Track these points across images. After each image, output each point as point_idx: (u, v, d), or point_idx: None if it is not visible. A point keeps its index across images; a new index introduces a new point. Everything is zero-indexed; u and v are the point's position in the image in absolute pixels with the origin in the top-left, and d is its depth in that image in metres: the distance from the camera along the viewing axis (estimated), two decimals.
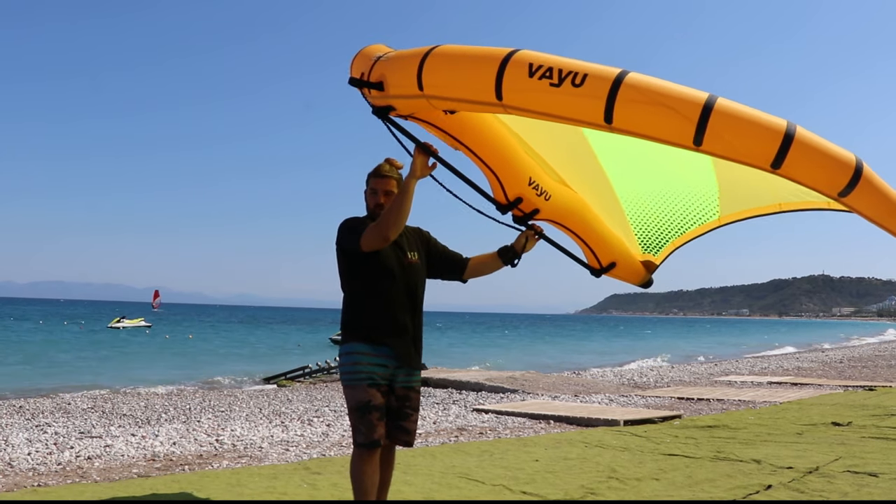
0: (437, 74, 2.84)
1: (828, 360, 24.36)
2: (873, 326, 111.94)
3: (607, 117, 2.42)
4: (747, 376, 16.64)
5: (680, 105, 2.33)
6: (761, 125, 2.29)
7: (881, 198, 2.38)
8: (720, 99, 2.33)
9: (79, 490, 4.72)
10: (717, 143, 2.32)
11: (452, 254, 3.69)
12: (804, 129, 2.30)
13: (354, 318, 3.37)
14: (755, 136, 2.29)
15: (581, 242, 3.86)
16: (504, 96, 2.64)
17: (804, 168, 2.30)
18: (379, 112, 3.19)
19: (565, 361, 28.16)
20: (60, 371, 20.76)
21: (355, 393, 3.26)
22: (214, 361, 25.78)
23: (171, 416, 9.66)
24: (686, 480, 4.98)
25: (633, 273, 4.00)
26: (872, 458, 5.63)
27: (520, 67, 2.58)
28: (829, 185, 2.32)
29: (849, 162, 2.29)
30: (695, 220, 3.87)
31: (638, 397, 11.62)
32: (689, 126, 2.32)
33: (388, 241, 3.23)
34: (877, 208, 2.41)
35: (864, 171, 2.30)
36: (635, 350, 37.83)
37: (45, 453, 6.29)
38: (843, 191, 2.31)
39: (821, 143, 2.30)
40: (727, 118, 2.30)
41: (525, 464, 5.56)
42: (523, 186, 3.53)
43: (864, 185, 2.30)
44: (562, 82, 2.49)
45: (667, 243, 3.98)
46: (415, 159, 3.25)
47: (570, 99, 2.49)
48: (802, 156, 2.27)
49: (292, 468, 5.38)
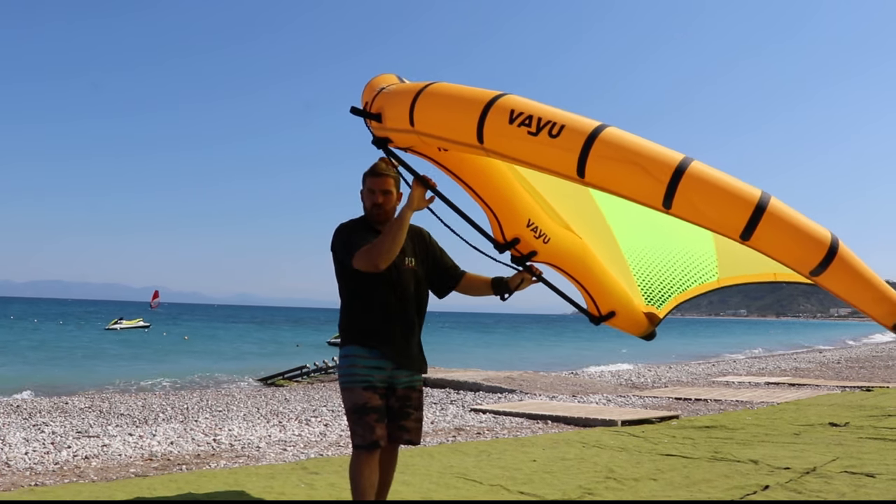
0: (428, 112, 2.87)
1: (825, 360, 24.39)
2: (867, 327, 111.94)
3: (580, 171, 2.41)
4: (745, 377, 16.66)
5: (652, 166, 2.29)
6: (732, 194, 2.21)
7: (855, 278, 2.25)
8: (694, 163, 2.27)
9: (76, 490, 4.71)
10: (687, 209, 2.26)
11: (448, 265, 3.64)
12: (779, 202, 2.21)
13: (351, 321, 3.37)
14: (725, 205, 2.21)
15: (581, 288, 3.80)
16: (485, 140, 2.65)
17: (774, 242, 2.21)
18: (378, 143, 3.24)
19: (564, 362, 28.16)
20: (60, 371, 20.73)
21: (352, 395, 3.26)
22: (212, 361, 25.77)
23: (169, 415, 9.66)
24: (683, 481, 4.98)
25: (634, 324, 3.89)
26: (869, 459, 5.63)
27: (502, 113, 2.59)
28: (801, 263, 2.22)
29: (823, 240, 2.18)
30: (695, 279, 3.82)
31: (635, 398, 11.63)
32: (660, 188, 2.27)
33: (379, 269, 3.20)
34: (852, 289, 2.27)
35: (840, 251, 2.18)
36: (630, 352, 37.84)
37: (43, 453, 6.28)
38: (816, 269, 2.21)
39: (794, 217, 2.20)
40: (698, 183, 2.23)
41: (523, 464, 5.56)
42: (521, 227, 3.52)
43: (839, 265, 2.19)
44: (539, 132, 2.48)
45: (669, 297, 3.90)
46: (413, 191, 3.26)
47: (545, 149, 2.49)
48: (773, 229, 2.18)
49: (290, 468, 5.37)
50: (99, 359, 25.83)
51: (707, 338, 61.94)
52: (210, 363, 24.66)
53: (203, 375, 20.01)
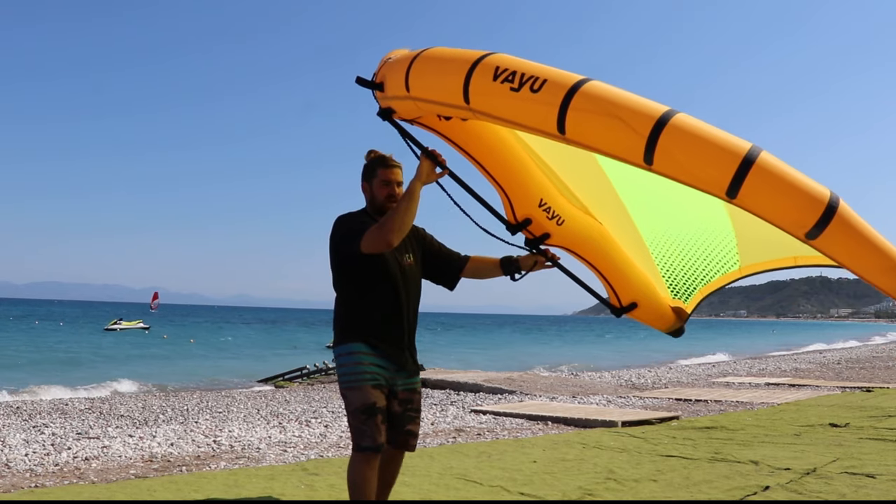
0: (419, 77, 2.83)
1: (825, 361, 24.37)
2: (868, 328, 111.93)
3: (560, 127, 2.29)
4: (745, 377, 16.65)
5: (632, 118, 2.11)
6: (717, 146, 2.01)
7: (861, 244, 1.99)
8: (679, 114, 2.08)
9: (76, 491, 4.71)
10: (669, 164, 2.07)
11: (448, 253, 3.52)
12: (770, 156, 1.99)
13: (351, 318, 3.24)
14: (709, 159, 2.01)
15: (599, 276, 3.57)
16: (471, 100, 2.59)
17: (764, 200, 1.97)
18: (383, 114, 3.16)
19: (563, 362, 28.16)
20: (59, 371, 20.72)
21: (360, 394, 3.10)
22: (212, 362, 25.76)
23: (169, 416, 9.65)
24: (684, 481, 4.98)
25: (659, 317, 3.64)
26: (870, 460, 5.63)
27: (486, 72, 2.53)
28: (794, 224, 1.98)
29: (820, 197, 1.94)
30: (718, 269, 3.60)
31: (636, 398, 11.62)
32: (640, 141, 2.08)
33: (391, 246, 3.07)
34: (855, 257, 2.02)
35: (840, 209, 1.94)
36: (631, 352, 37.81)
37: (43, 454, 6.28)
38: (812, 231, 1.96)
39: (788, 172, 1.97)
40: (681, 135, 2.04)
41: (523, 465, 5.55)
42: (533, 207, 3.35)
43: (839, 226, 1.94)
44: (521, 87, 2.40)
45: (695, 290, 3.68)
46: (421, 164, 3.16)
47: (526, 105, 2.39)
48: (762, 185, 1.95)
49: (290, 469, 5.37)
50: (99, 360, 25.81)
51: (707, 338, 61.88)
52: (210, 364, 24.65)
53: (203, 376, 20.00)
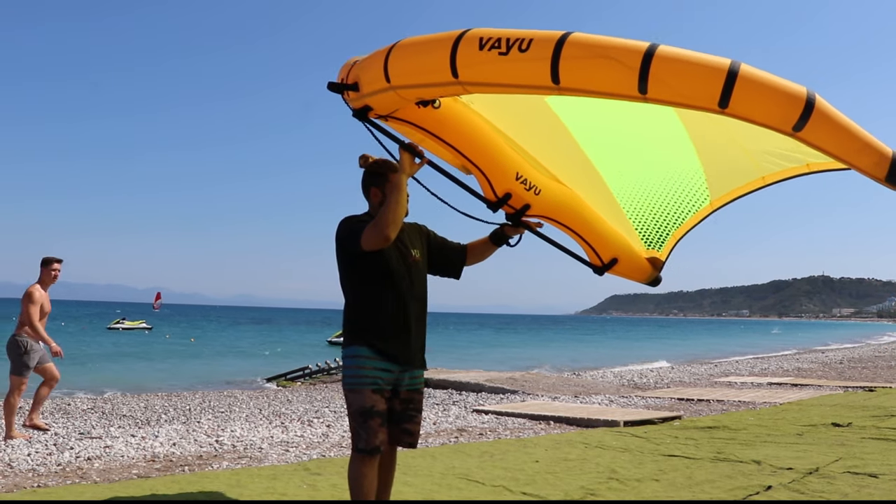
0: (400, 63, 2.91)
1: (828, 360, 24.35)
2: (870, 328, 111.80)
3: (554, 77, 2.45)
4: (747, 377, 16.64)
5: (622, 55, 2.33)
6: (703, 65, 2.27)
7: (838, 128, 2.29)
8: (662, 46, 2.32)
9: (78, 491, 4.72)
10: (662, 89, 2.31)
11: (452, 245, 3.65)
12: (749, 66, 2.26)
13: (357, 320, 3.30)
14: (698, 77, 2.27)
15: (579, 239, 3.80)
16: (459, 73, 2.70)
17: (752, 104, 2.26)
18: (358, 114, 3.23)
19: (565, 362, 28.15)
20: (62, 370, 20.72)
21: (358, 397, 3.21)
22: (214, 362, 25.79)
23: (171, 416, 9.67)
24: (686, 481, 4.97)
25: (637, 270, 3.92)
26: (872, 459, 5.62)
27: (471, 43, 2.65)
28: (781, 120, 2.27)
29: (799, 94, 2.23)
30: (689, 209, 3.83)
31: (638, 398, 11.62)
32: (632, 75, 2.31)
33: (389, 240, 3.18)
34: (836, 140, 2.32)
35: (817, 103, 2.24)
36: (631, 353, 37.81)
37: (45, 454, 6.28)
38: (797, 124, 2.25)
39: (767, 77, 2.26)
40: (668, 62, 2.28)
41: (525, 465, 5.55)
42: (511, 182, 3.51)
43: (818, 116, 2.24)
44: (509, 50, 2.54)
45: (668, 236, 3.92)
46: (402, 158, 3.25)
47: (518, 65, 2.54)
48: (749, 92, 2.24)
49: (292, 469, 5.38)
50: (101, 360, 25.84)
51: (709, 338, 61.90)
52: (212, 364, 24.67)
53: (205, 376, 20.01)
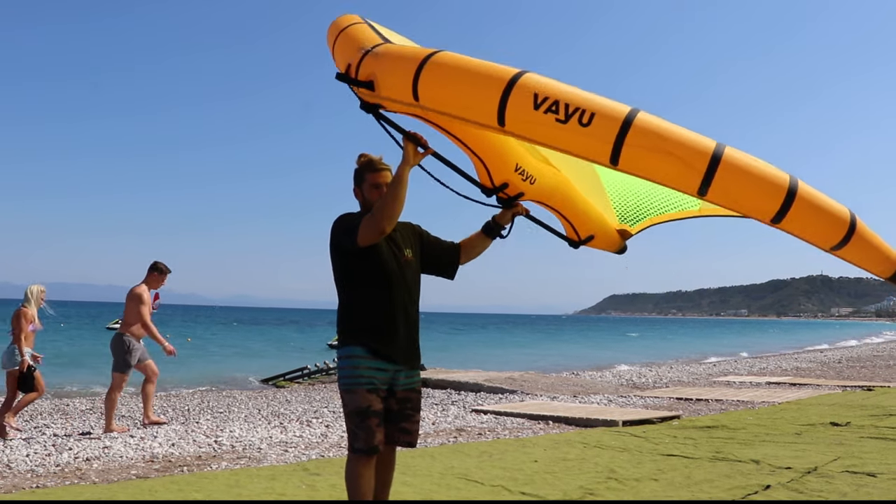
0: (436, 88, 2.74)
1: (826, 360, 24.37)
2: (868, 327, 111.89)
3: (613, 160, 2.44)
4: (746, 377, 16.65)
5: (688, 155, 2.35)
6: (766, 181, 2.32)
7: (871, 251, 2.45)
8: (727, 150, 2.34)
9: (77, 491, 4.72)
10: (721, 196, 2.36)
11: (445, 244, 3.65)
12: (805, 185, 2.34)
13: (352, 320, 3.30)
14: (759, 192, 2.33)
15: (561, 217, 3.89)
16: (507, 123, 2.59)
17: (802, 224, 2.36)
18: (368, 108, 3.17)
19: (564, 362, 28.16)
20: (60, 372, 20.73)
21: (354, 398, 3.21)
22: (213, 362, 25.75)
23: (170, 417, 9.66)
24: (685, 481, 4.98)
25: (609, 242, 4.01)
26: (871, 459, 5.63)
27: (525, 96, 2.51)
28: (825, 241, 2.39)
29: (843, 218, 2.35)
30: (676, 205, 3.88)
31: (636, 398, 11.62)
32: (696, 177, 2.34)
33: (385, 233, 3.18)
34: (867, 260, 2.48)
35: (857, 227, 2.37)
36: (630, 353, 37.81)
37: (44, 455, 6.28)
38: (837, 245, 2.38)
39: (819, 199, 2.34)
40: (733, 172, 2.32)
41: (524, 464, 5.56)
42: (510, 173, 3.52)
43: (857, 240, 2.37)
44: (568, 119, 2.45)
45: (644, 218, 4.00)
46: (406, 148, 3.23)
47: (576, 138, 2.47)
48: (802, 213, 2.33)
49: (291, 469, 5.38)
50: (100, 360, 25.80)
51: (708, 338, 61.91)
52: (210, 364, 24.65)
53: (204, 377, 19.99)
